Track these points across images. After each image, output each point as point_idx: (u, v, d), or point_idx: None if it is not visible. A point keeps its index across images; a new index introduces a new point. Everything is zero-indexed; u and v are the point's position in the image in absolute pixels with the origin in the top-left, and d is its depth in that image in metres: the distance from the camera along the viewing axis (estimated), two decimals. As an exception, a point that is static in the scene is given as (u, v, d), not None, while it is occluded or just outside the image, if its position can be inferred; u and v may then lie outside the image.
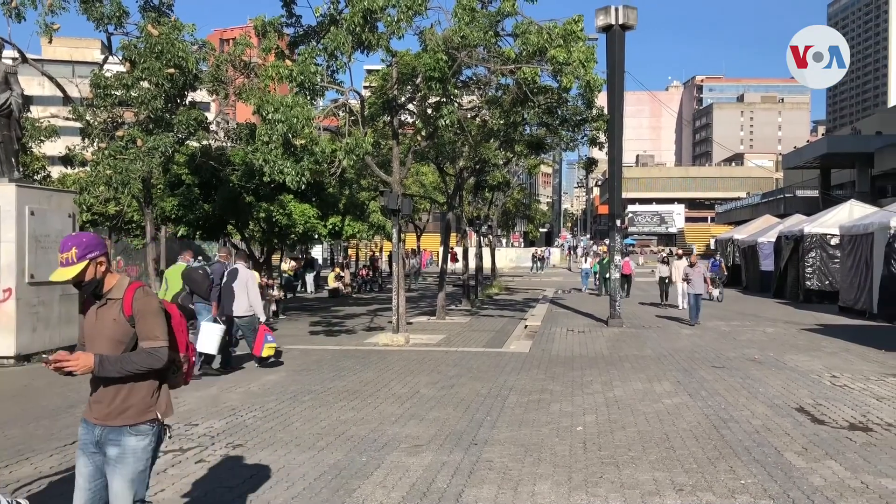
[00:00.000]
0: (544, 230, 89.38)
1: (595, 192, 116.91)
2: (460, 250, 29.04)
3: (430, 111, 16.17)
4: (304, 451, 6.85)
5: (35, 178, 21.41)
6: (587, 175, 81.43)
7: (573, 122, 19.16)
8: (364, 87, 29.01)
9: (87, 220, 22.91)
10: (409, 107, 17.21)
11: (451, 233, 24.61)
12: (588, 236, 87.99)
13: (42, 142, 26.25)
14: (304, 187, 13.08)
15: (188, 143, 17.49)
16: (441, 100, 14.79)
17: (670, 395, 9.44)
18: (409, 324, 17.02)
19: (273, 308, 19.49)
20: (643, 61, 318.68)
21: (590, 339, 15.50)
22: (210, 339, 10.72)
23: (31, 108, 21.51)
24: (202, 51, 15.79)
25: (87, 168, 16.29)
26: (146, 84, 15.08)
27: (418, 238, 47.01)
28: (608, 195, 20.52)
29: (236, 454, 6.75)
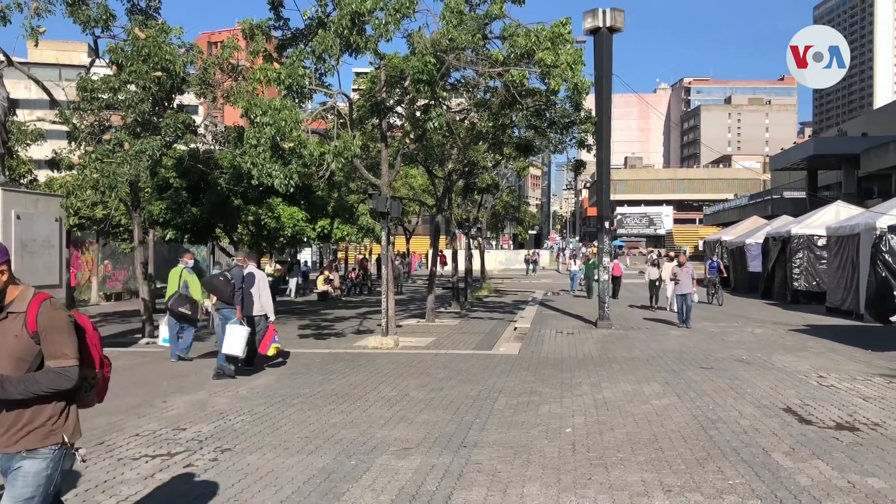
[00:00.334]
0: (533, 232, 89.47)
1: (584, 194, 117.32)
2: (449, 253, 29.02)
3: (418, 114, 16.17)
4: (292, 454, 6.83)
5: (21, 181, 21.25)
6: (576, 177, 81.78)
7: (561, 124, 19.22)
8: (352, 89, 29.02)
9: (75, 223, 22.75)
10: (398, 109, 17.21)
11: (441, 235, 24.63)
12: (577, 238, 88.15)
13: (28, 145, 26.05)
14: (293, 190, 13.08)
15: (176, 146, 17.42)
16: (429, 102, 14.81)
17: (659, 396, 9.47)
18: (399, 326, 17.01)
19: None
20: (631, 64, 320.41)
21: (579, 340, 15.53)
22: (236, 341, 11.03)
23: (17, 111, 21.36)
24: (190, 54, 15.71)
25: (73, 172, 16.16)
26: (133, 87, 15.00)
27: (408, 241, 47.06)
28: (597, 197, 20.57)
29: (224, 458, 6.72)
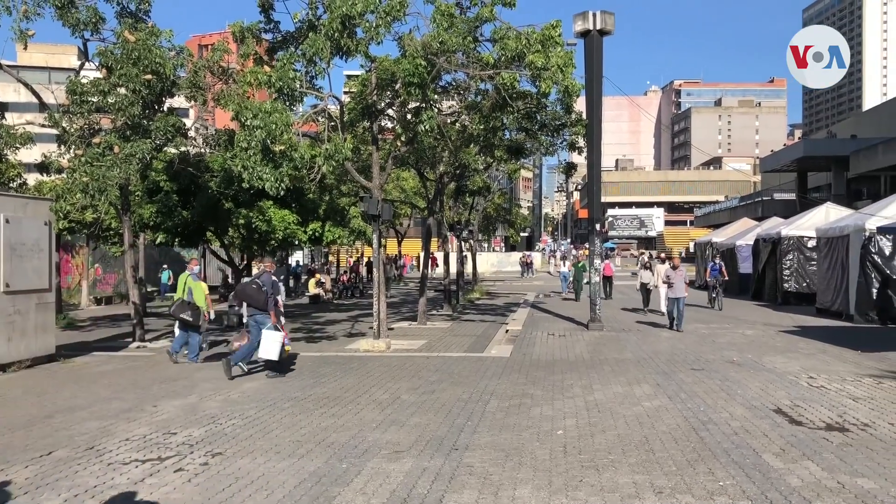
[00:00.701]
0: (525, 234, 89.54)
1: (575, 196, 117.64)
2: (441, 255, 29.02)
3: (409, 116, 16.17)
4: (283, 458, 6.82)
5: (10, 185, 21.10)
6: (567, 179, 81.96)
7: (552, 126, 19.24)
8: (343, 92, 28.93)
9: (64, 227, 22.66)
10: (389, 112, 17.22)
11: (433, 238, 24.63)
12: (568, 240, 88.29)
13: (18, 149, 25.87)
14: (284, 193, 13.07)
15: (166, 149, 17.34)
16: (420, 105, 14.80)
17: (650, 398, 9.50)
18: (391, 329, 17.00)
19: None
20: (622, 66, 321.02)
21: (570, 342, 15.55)
22: (272, 346, 11.30)
23: (6, 114, 21.27)
24: (180, 57, 15.65)
25: (63, 175, 16.06)
26: (123, 90, 14.94)
27: (399, 243, 47.01)
28: (588, 199, 20.61)
29: (215, 462, 6.70)
